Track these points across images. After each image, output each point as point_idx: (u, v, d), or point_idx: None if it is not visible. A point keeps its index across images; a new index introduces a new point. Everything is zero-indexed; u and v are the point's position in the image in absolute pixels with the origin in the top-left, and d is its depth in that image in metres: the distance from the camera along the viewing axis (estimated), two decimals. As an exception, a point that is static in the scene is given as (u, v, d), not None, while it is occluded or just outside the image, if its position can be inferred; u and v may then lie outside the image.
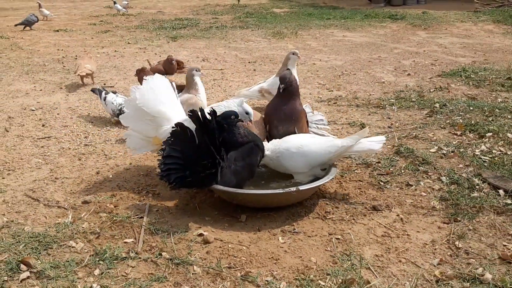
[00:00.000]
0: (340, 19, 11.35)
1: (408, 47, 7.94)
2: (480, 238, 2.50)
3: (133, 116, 3.09)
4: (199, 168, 2.64)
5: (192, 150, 2.69)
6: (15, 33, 9.78)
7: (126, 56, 7.51)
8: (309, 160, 2.88)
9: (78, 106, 4.90)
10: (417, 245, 2.45)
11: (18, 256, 2.34)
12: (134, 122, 3.11)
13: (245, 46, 8.25)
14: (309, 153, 2.88)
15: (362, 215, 2.76)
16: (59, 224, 2.65)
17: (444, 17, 11.05)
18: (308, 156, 2.87)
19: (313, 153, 2.88)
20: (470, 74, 5.83)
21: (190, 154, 2.69)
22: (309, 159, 2.88)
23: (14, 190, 3.10)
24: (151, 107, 3.00)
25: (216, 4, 15.88)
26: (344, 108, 4.71)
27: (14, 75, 6.28)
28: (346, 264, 2.30)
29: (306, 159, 2.87)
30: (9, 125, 4.34)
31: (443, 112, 4.39)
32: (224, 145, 2.72)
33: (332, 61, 6.97)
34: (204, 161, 2.64)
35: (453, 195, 2.90)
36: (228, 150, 2.75)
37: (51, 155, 3.68)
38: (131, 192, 3.06)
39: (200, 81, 3.89)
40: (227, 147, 2.74)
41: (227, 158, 2.73)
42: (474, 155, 3.43)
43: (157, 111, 3.01)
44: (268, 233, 2.58)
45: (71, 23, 11.48)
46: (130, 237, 2.54)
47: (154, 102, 3.02)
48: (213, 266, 2.28)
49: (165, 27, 10.53)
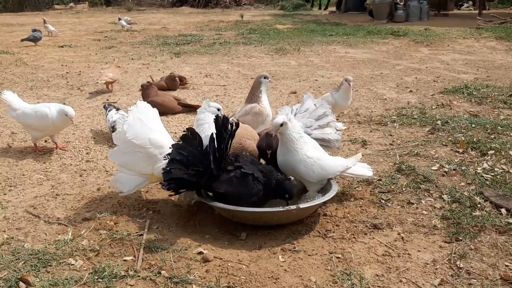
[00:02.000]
0: (342, 35, 11.42)
1: (410, 64, 7.97)
2: (481, 258, 2.48)
3: (123, 150, 3.00)
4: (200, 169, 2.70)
5: (198, 156, 2.73)
6: (20, 48, 9.88)
7: (130, 71, 7.56)
8: (326, 173, 2.96)
9: (81, 122, 4.93)
10: (418, 265, 2.44)
11: (18, 274, 2.34)
12: (125, 157, 3.00)
13: (248, 62, 8.30)
14: (327, 167, 2.96)
15: (363, 233, 2.74)
16: (59, 241, 2.64)
17: (446, 33, 11.11)
18: (326, 170, 2.95)
19: (329, 167, 2.97)
20: (472, 91, 5.84)
21: (195, 159, 2.72)
22: (325, 172, 2.96)
23: (15, 207, 3.10)
24: (142, 137, 2.92)
25: (220, 20, 16.04)
26: (346, 125, 4.71)
27: (18, 90, 6.31)
28: (346, 284, 2.28)
29: (323, 171, 2.94)
30: (12, 141, 4.36)
31: (445, 129, 4.38)
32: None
33: (334, 78, 6.99)
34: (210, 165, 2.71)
35: (454, 213, 2.88)
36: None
37: (52, 171, 3.69)
38: (132, 209, 3.06)
39: (265, 89, 3.97)
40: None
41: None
42: (476, 173, 3.41)
43: (148, 140, 2.93)
44: (268, 252, 2.57)
45: (75, 38, 11.59)
46: (130, 255, 2.53)
47: (145, 131, 2.94)
48: (212, 285, 2.26)
49: (169, 43, 10.62)
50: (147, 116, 3.04)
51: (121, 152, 3.01)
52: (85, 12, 21.59)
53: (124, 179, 3.02)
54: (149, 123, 3.01)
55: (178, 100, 5.30)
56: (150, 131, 2.97)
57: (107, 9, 23.65)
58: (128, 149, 2.97)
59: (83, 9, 23.18)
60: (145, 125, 2.98)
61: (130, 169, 3.02)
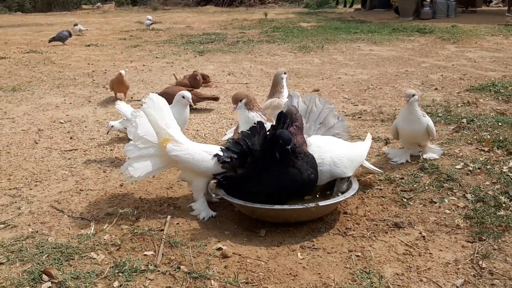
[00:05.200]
0: (367, 33, 11.30)
1: (436, 61, 7.84)
2: (505, 258, 2.42)
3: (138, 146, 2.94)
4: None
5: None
6: (48, 47, 10.08)
7: (154, 70, 7.64)
8: (356, 163, 3.05)
9: (106, 119, 5.00)
10: (440, 264, 2.40)
11: (41, 266, 2.39)
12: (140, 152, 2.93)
13: (271, 60, 8.30)
14: (355, 156, 3.05)
15: (383, 232, 2.71)
16: (82, 236, 2.69)
17: (474, 30, 10.88)
18: (354, 160, 3.02)
19: (357, 156, 3.07)
20: (500, 88, 5.70)
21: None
22: (355, 163, 3.03)
23: (40, 201, 3.17)
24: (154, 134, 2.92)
25: (244, 19, 16.06)
26: (369, 123, 4.67)
27: (45, 88, 6.47)
28: (366, 282, 2.26)
29: (353, 163, 3.00)
30: (38, 138, 4.46)
31: (471, 128, 4.30)
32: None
33: (358, 75, 6.93)
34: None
35: (478, 213, 2.82)
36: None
37: (77, 167, 3.76)
38: (153, 205, 3.10)
39: (286, 84, 4.13)
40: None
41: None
42: (501, 172, 3.34)
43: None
44: (287, 249, 2.56)
45: (102, 38, 11.77)
46: (150, 250, 2.56)
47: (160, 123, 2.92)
48: (230, 281, 2.27)
49: (193, 41, 10.69)
50: (161, 111, 2.96)
51: (136, 147, 2.93)
52: (112, 12, 21.90)
53: (136, 163, 2.90)
54: (163, 119, 2.94)
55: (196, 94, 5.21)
56: (166, 128, 2.92)
57: (133, 8, 23.93)
58: (142, 145, 2.93)
59: (109, 9, 23.50)
60: (158, 121, 2.91)
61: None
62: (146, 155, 2.92)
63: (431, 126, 3.58)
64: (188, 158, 2.88)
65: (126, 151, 2.96)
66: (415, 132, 3.56)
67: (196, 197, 2.97)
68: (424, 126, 3.54)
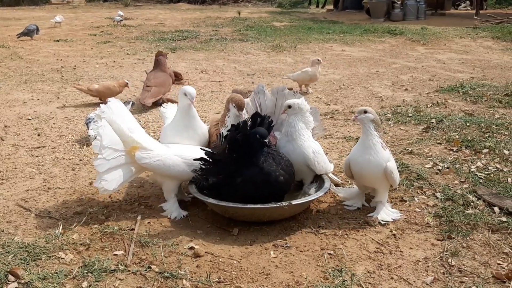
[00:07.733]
0: (339, 33, 11.41)
1: (406, 62, 7.97)
2: (474, 256, 2.47)
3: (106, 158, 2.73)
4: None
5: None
6: (16, 42, 9.82)
7: (125, 67, 7.53)
8: (324, 169, 3.02)
9: (74, 116, 4.90)
10: (410, 262, 2.43)
11: (7, 267, 2.32)
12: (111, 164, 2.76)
13: (244, 59, 8.28)
14: (327, 162, 3.06)
15: (355, 230, 2.73)
16: (49, 235, 2.62)
17: (443, 32, 11.11)
18: (326, 164, 3.04)
19: (328, 164, 3.07)
20: (468, 90, 5.84)
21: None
22: (324, 168, 3.02)
23: (6, 200, 3.08)
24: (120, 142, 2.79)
25: (217, 17, 15.99)
26: (341, 122, 4.71)
27: (12, 84, 6.29)
28: (338, 280, 2.27)
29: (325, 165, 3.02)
30: (4, 134, 4.33)
31: (440, 128, 4.38)
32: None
33: (330, 75, 6.98)
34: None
35: (447, 211, 2.87)
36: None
37: (45, 165, 3.66)
38: (123, 204, 3.04)
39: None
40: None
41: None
42: (469, 171, 3.41)
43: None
44: (260, 247, 2.56)
45: (71, 33, 11.53)
46: (120, 249, 2.51)
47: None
48: (202, 281, 2.25)
49: (165, 38, 10.58)
50: (122, 116, 2.85)
51: (105, 160, 2.72)
52: (82, 7, 21.46)
53: (108, 176, 2.74)
54: (125, 123, 2.83)
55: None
56: (130, 133, 2.80)
57: (104, 4, 23.50)
58: (111, 156, 2.73)
59: (80, 4, 23.04)
60: (123, 129, 2.78)
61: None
62: (116, 165, 2.77)
63: (391, 168, 2.71)
64: (159, 164, 2.81)
65: (96, 167, 2.73)
66: (370, 169, 2.74)
67: (167, 197, 2.93)
68: (382, 164, 2.72)
